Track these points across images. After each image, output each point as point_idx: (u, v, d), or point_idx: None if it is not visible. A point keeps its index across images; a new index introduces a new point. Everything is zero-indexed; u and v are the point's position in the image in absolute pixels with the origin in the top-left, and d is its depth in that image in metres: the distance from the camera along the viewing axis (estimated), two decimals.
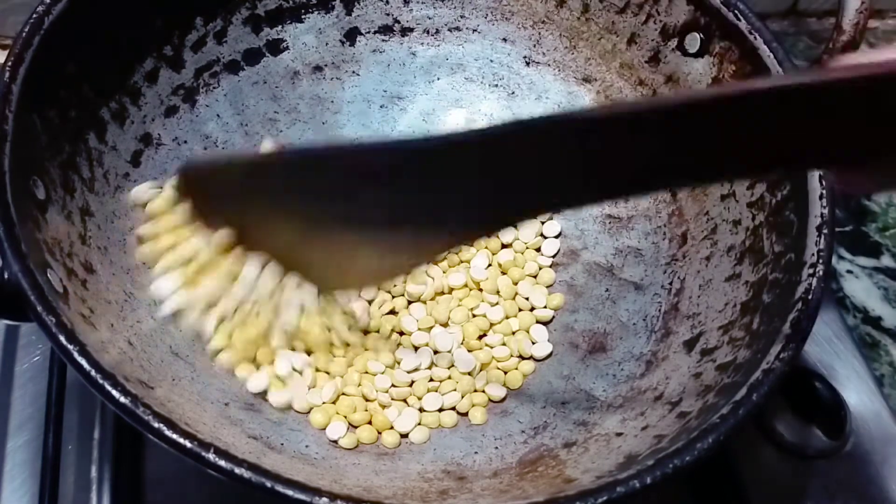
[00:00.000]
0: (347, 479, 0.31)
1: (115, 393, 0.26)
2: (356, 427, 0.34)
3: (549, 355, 0.37)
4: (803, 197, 0.32)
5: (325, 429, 0.34)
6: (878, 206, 0.52)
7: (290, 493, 0.25)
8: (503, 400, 0.36)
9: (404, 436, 0.34)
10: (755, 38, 0.35)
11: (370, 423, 0.35)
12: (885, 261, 0.49)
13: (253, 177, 0.32)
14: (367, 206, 0.29)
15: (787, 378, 0.28)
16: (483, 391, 0.36)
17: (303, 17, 0.42)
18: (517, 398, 0.36)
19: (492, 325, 0.38)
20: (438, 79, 0.44)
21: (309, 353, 0.35)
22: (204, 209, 0.33)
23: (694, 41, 0.38)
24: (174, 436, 0.25)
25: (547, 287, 0.40)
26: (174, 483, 0.35)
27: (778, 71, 0.34)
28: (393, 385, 0.36)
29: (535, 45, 0.43)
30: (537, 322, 0.38)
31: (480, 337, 0.38)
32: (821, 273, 0.30)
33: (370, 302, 0.38)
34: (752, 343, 0.31)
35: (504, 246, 0.41)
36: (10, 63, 0.31)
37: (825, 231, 0.31)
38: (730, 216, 0.36)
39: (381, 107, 0.44)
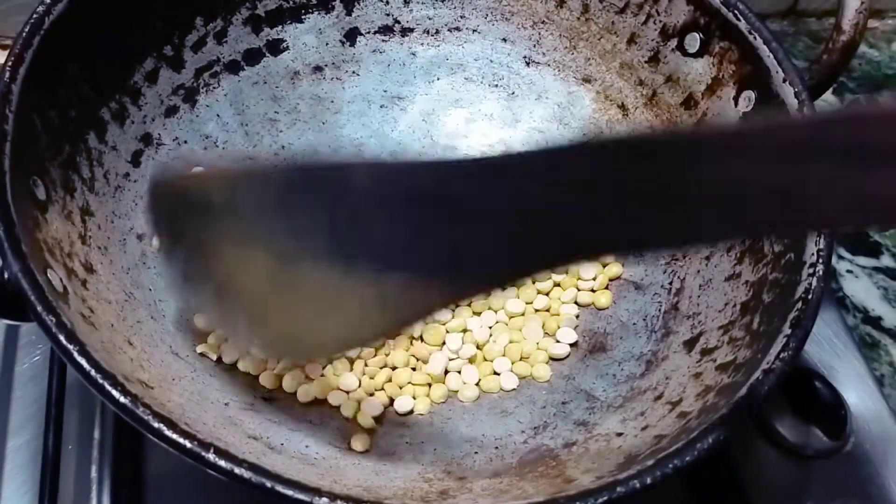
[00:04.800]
0: (347, 479, 0.31)
1: (114, 393, 0.26)
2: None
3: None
4: None
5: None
6: None
7: (290, 493, 0.25)
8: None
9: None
10: (755, 38, 0.35)
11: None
12: (885, 260, 0.49)
13: (230, 193, 0.27)
14: (363, 239, 0.24)
15: (787, 378, 0.28)
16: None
17: (303, 17, 0.42)
18: (517, 398, 0.36)
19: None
20: (438, 79, 0.44)
21: None
22: (170, 228, 0.29)
23: (694, 41, 0.38)
24: (174, 436, 0.25)
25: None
26: (174, 483, 0.35)
27: (777, 71, 0.34)
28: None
29: (535, 46, 0.43)
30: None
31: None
32: (821, 273, 0.30)
33: None
34: (752, 343, 0.31)
35: None
36: (10, 63, 0.31)
37: (825, 231, 0.31)
38: None
39: (381, 107, 0.44)
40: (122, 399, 0.26)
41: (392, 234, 0.24)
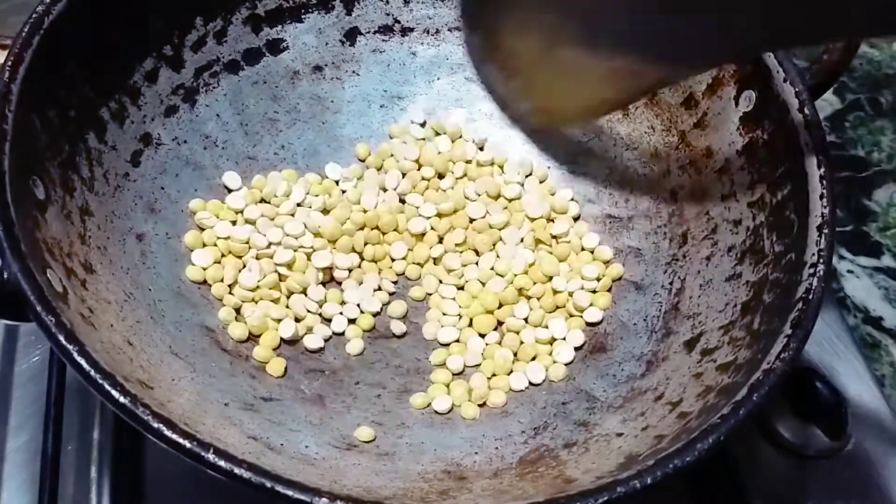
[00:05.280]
0: (347, 479, 0.31)
1: (114, 393, 0.26)
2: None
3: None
4: (804, 196, 0.32)
5: None
6: (878, 205, 0.52)
7: (289, 493, 0.25)
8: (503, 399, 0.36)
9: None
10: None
11: None
12: (886, 261, 0.49)
13: None
14: (604, 27, 0.31)
15: (787, 378, 0.28)
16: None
17: (303, 16, 0.42)
18: (517, 398, 0.36)
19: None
20: (438, 78, 0.44)
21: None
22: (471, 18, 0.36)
23: None
24: (173, 436, 0.25)
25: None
26: (174, 483, 0.35)
27: (778, 71, 0.34)
28: None
29: None
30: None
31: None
32: (821, 273, 0.30)
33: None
34: (752, 343, 0.31)
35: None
36: (9, 63, 0.31)
37: (826, 231, 0.31)
38: (730, 216, 0.36)
39: (381, 107, 0.44)
40: (121, 399, 0.26)
41: (625, 23, 0.31)
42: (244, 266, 0.38)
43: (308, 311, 0.38)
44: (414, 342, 0.38)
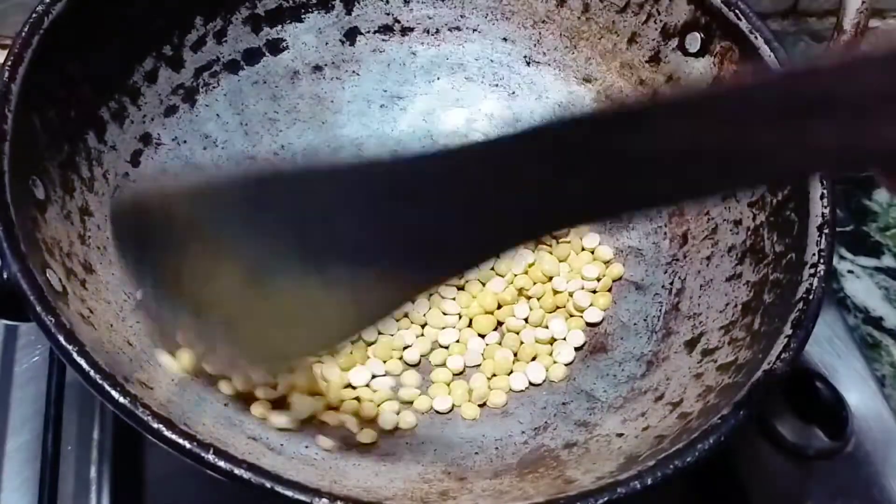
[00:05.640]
0: (347, 479, 0.31)
1: (113, 393, 0.26)
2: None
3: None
4: (804, 197, 0.32)
5: None
6: (878, 205, 0.52)
7: (289, 493, 0.25)
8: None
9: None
10: (756, 37, 0.35)
11: None
12: (886, 261, 0.49)
13: (193, 208, 0.26)
14: (330, 240, 0.24)
15: (788, 378, 0.28)
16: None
17: (303, 16, 0.42)
18: (518, 398, 0.36)
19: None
20: (438, 78, 0.44)
21: None
22: (133, 245, 0.28)
23: (694, 41, 0.38)
24: (173, 436, 0.25)
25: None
26: (174, 484, 0.35)
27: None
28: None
29: (535, 45, 0.43)
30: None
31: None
32: (822, 273, 0.30)
33: None
34: (753, 343, 0.31)
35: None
36: (9, 63, 0.31)
37: (826, 231, 0.31)
38: (730, 216, 0.36)
39: (381, 106, 0.43)
40: (121, 399, 0.26)
41: (357, 231, 0.24)
42: None
43: None
44: None
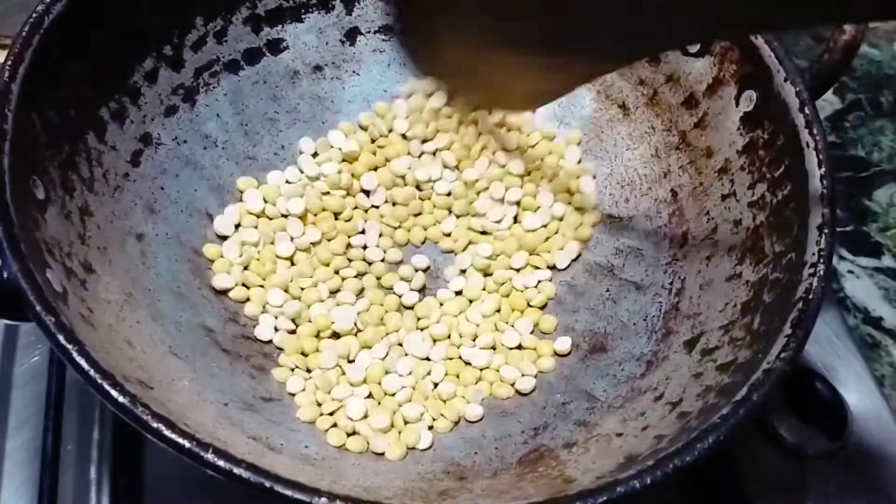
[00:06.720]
0: (347, 479, 0.31)
1: (113, 393, 0.26)
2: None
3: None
4: (804, 197, 0.32)
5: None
6: (878, 205, 0.52)
7: (289, 493, 0.25)
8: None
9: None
10: (756, 37, 0.35)
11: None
12: (886, 261, 0.49)
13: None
14: (533, 28, 0.31)
15: (787, 378, 0.28)
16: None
17: (303, 16, 0.42)
18: (517, 398, 0.36)
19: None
20: None
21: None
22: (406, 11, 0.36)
23: None
24: (173, 436, 0.25)
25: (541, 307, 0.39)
26: (173, 483, 0.35)
27: (779, 71, 0.34)
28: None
29: None
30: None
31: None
32: (821, 273, 0.30)
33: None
34: (752, 343, 0.31)
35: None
36: (9, 63, 0.31)
37: (826, 231, 0.31)
38: (730, 216, 0.36)
39: None
40: (120, 399, 0.26)
41: (550, 24, 0.31)
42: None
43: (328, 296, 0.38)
44: None
